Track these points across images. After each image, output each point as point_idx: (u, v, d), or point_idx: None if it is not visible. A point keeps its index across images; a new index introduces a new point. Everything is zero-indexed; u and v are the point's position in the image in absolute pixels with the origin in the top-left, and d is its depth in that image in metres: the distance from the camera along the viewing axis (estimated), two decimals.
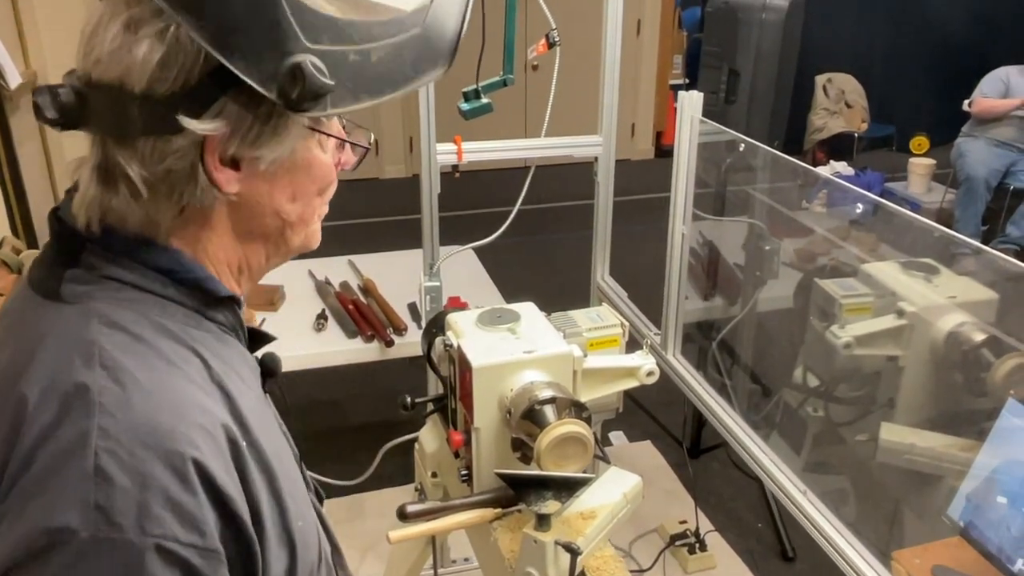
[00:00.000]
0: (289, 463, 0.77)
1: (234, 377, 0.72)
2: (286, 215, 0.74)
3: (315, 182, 0.75)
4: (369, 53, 0.67)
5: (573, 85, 2.91)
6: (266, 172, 0.70)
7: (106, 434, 0.60)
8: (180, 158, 0.66)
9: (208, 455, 0.63)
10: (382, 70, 0.68)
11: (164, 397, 0.64)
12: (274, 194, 0.73)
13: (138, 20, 0.64)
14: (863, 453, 1.91)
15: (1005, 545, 1.39)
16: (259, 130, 0.67)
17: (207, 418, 0.65)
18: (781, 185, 2.20)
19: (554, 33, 1.89)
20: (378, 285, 2.51)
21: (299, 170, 0.73)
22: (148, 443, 0.60)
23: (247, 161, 0.69)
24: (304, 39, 0.63)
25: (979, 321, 1.65)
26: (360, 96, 0.67)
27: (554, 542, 1.20)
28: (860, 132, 5.84)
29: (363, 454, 2.55)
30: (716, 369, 2.40)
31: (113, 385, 0.62)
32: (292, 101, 0.63)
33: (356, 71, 0.66)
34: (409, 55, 0.69)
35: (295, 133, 0.70)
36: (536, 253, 4.62)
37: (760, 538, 2.60)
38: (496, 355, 1.32)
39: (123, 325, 0.67)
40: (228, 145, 0.67)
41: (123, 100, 0.64)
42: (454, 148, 2.06)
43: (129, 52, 0.64)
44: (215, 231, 0.73)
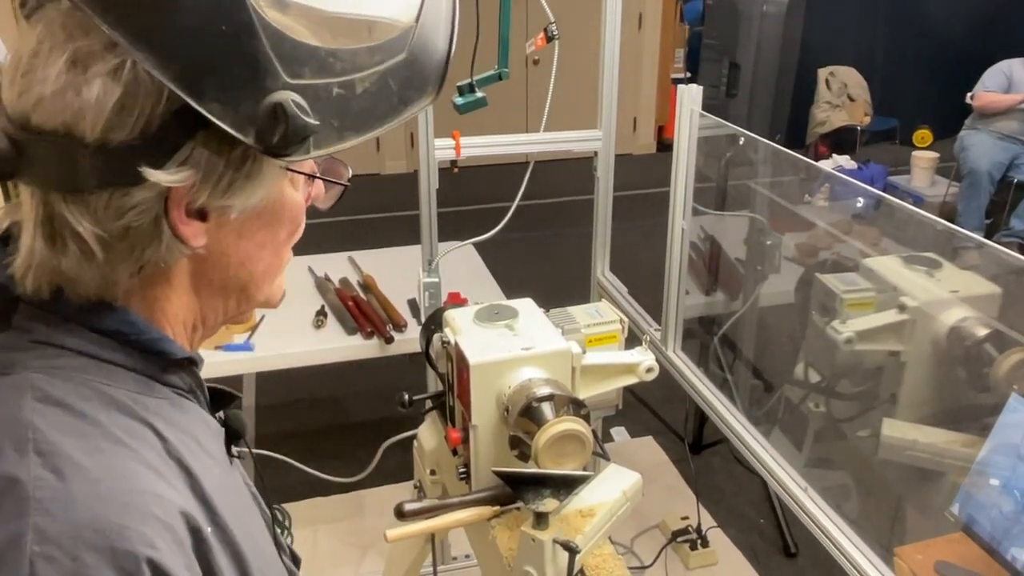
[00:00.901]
0: (260, 536, 0.71)
1: (195, 448, 0.64)
2: (253, 266, 0.67)
3: (285, 225, 0.67)
4: (354, 84, 0.59)
5: (573, 79, 2.89)
6: (236, 220, 0.62)
7: (43, 536, 0.51)
8: (141, 213, 0.57)
9: (166, 552, 0.54)
10: (367, 103, 0.61)
11: (112, 486, 0.54)
12: (241, 244, 0.64)
13: (87, 55, 0.55)
14: (865, 449, 1.89)
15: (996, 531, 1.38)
16: (231, 177, 0.59)
17: (163, 507, 0.56)
18: (782, 179, 2.19)
19: (553, 27, 1.88)
20: (378, 281, 2.50)
21: (270, 214, 0.65)
22: (94, 544, 0.51)
23: (216, 211, 0.60)
24: (284, 74, 0.56)
25: (982, 316, 1.63)
26: (345, 134, 0.60)
27: (552, 540, 1.19)
28: (863, 125, 5.81)
29: (363, 451, 2.55)
30: (717, 364, 2.39)
31: (50, 475, 0.53)
32: (272, 146, 0.56)
33: (341, 106, 0.59)
34: (396, 84, 0.62)
35: (270, 177, 0.61)
36: (537, 249, 4.61)
37: (762, 534, 2.59)
38: (494, 352, 1.30)
39: (62, 400, 0.57)
40: (196, 195, 0.58)
41: (71, 149, 0.55)
42: (452, 143, 2.04)
43: (78, 94, 0.54)
44: (174, 289, 0.64)
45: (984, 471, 1.45)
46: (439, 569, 2.11)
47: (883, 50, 6.34)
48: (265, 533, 0.74)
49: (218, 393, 0.75)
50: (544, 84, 2.00)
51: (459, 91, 1.87)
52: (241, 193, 0.60)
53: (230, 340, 2.18)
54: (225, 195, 0.60)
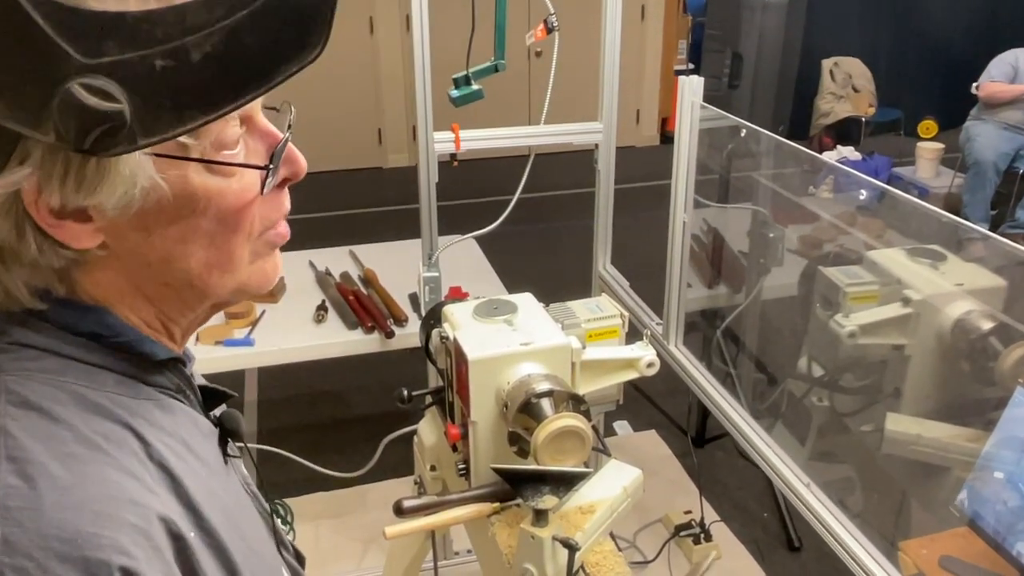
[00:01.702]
0: (256, 537, 0.68)
1: (181, 451, 0.61)
2: (184, 263, 0.60)
3: (208, 217, 0.58)
4: (187, 51, 0.49)
5: (575, 71, 2.87)
6: (126, 217, 0.55)
7: (11, 548, 0.49)
8: (2, 218, 0.53)
9: (142, 560, 0.52)
10: (214, 71, 0.50)
11: (85, 494, 0.52)
12: (153, 241, 0.58)
13: None
14: (869, 443, 1.88)
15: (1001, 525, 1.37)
16: (79, 173, 0.52)
17: (140, 514, 0.54)
18: (785, 171, 2.17)
19: (553, 18, 1.86)
20: (379, 275, 2.49)
21: (176, 206, 0.57)
22: (65, 554, 0.49)
23: (92, 209, 0.54)
24: (78, 56, 0.46)
25: (987, 309, 1.62)
26: (185, 113, 0.50)
27: (552, 538, 1.18)
28: (867, 116, 5.78)
29: (365, 445, 2.54)
30: (720, 358, 2.38)
31: (21, 483, 0.51)
32: (76, 142, 0.48)
33: (171, 80, 0.49)
34: (254, 41, 0.51)
35: (136, 168, 0.53)
36: (539, 242, 4.60)
37: (766, 528, 2.58)
38: (492, 347, 1.30)
39: (36, 403, 0.55)
40: (48, 196, 0.52)
41: None
42: (452, 136, 2.03)
43: None
44: (110, 290, 0.60)
45: (989, 465, 1.44)
46: (441, 564, 2.11)
47: (887, 40, 6.31)
48: (263, 534, 0.72)
49: (211, 392, 0.72)
50: (545, 76, 1.99)
51: (455, 84, 1.86)
52: (101, 190, 0.53)
53: (230, 335, 2.18)
54: (81, 193, 0.53)
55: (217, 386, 0.73)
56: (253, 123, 0.62)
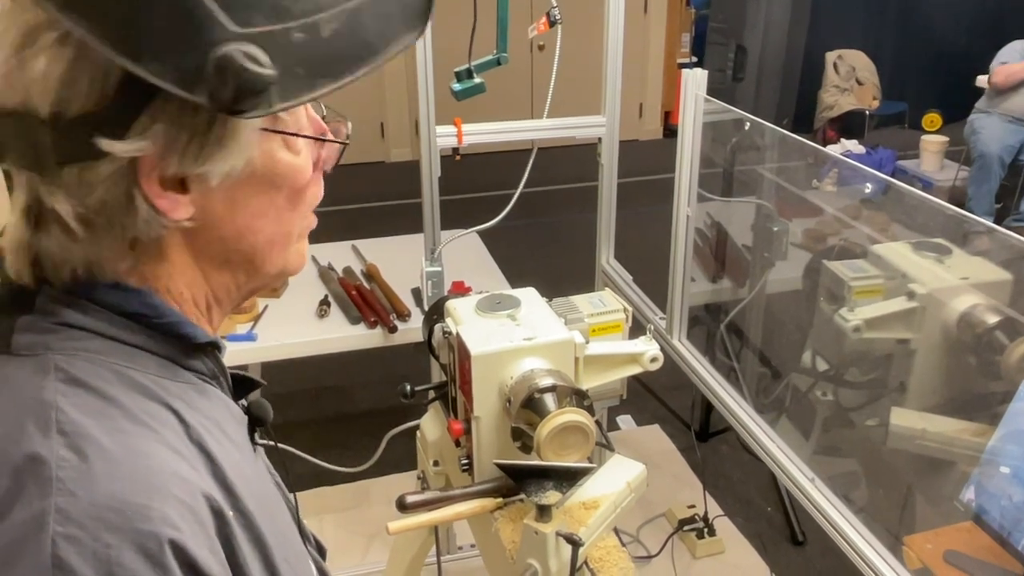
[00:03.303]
0: (284, 523, 0.69)
1: (217, 434, 0.63)
2: (254, 237, 0.63)
3: (284, 192, 0.63)
4: (318, 26, 0.54)
5: (578, 65, 2.86)
6: (223, 188, 0.59)
7: (65, 516, 0.50)
8: (112, 186, 0.55)
9: (188, 534, 0.53)
10: (339, 45, 0.56)
11: (134, 467, 0.54)
12: (236, 214, 0.61)
13: (33, 29, 0.53)
14: (874, 438, 1.88)
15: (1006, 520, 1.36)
16: (200, 142, 0.56)
17: (186, 489, 0.55)
18: (789, 164, 2.16)
19: (555, 11, 1.85)
20: (381, 270, 2.49)
21: (261, 181, 0.61)
22: (116, 525, 0.51)
23: (195, 179, 0.58)
24: (230, 23, 0.51)
25: (992, 302, 1.61)
26: (316, 82, 0.55)
27: (555, 533, 1.18)
28: (871, 109, 5.77)
29: (368, 440, 2.54)
30: (724, 353, 2.37)
31: (73, 456, 0.52)
32: (227, 103, 0.52)
33: (305, 52, 0.54)
34: (371, 21, 0.57)
35: (248, 139, 0.58)
36: (542, 236, 4.59)
37: (770, 522, 2.58)
38: (495, 342, 1.29)
39: (85, 381, 0.57)
40: (166, 164, 0.56)
41: (30, 126, 0.54)
42: (454, 130, 2.02)
43: (28, 68, 0.53)
44: (174, 264, 0.62)
45: (994, 460, 1.43)
46: (445, 559, 2.11)
47: (891, 33, 6.29)
48: (289, 521, 0.73)
49: (241, 380, 0.74)
50: (549, 70, 1.98)
51: (457, 77, 1.85)
52: (215, 158, 0.57)
53: (233, 330, 2.17)
54: (198, 162, 0.56)
55: (247, 374, 0.75)
56: (307, 108, 0.65)
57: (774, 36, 2.52)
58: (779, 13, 2.51)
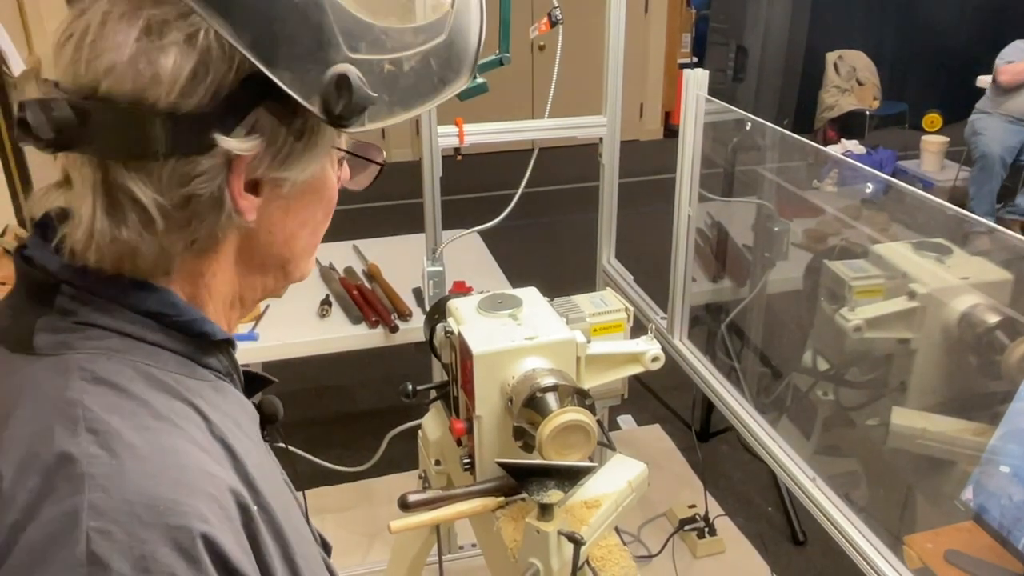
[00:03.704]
0: (298, 520, 0.70)
1: (235, 430, 0.64)
2: (294, 244, 0.68)
3: (324, 204, 0.69)
4: (402, 62, 0.62)
5: (579, 65, 2.86)
6: (285, 196, 0.64)
7: (98, 512, 0.51)
8: (206, 182, 0.58)
9: (218, 528, 0.54)
10: (413, 81, 0.63)
11: (164, 463, 0.55)
12: (287, 221, 0.66)
13: (161, 23, 0.56)
14: (874, 438, 1.88)
15: (1007, 519, 1.37)
16: (290, 148, 0.61)
17: (214, 484, 0.57)
18: (789, 164, 2.16)
19: (557, 11, 1.85)
20: (383, 270, 2.49)
21: (313, 192, 0.67)
22: (148, 520, 0.52)
23: (269, 184, 0.62)
24: (345, 47, 0.58)
25: (993, 302, 1.61)
26: (394, 109, 0.62)
27: (557, 532, 1.18)
28: (872, 110, 5.76)
29: (370, 440, 2.54)
30: (725, 352, 2.37)
31: (103, 453, 0.53)
32: (336, 116, 0.58)
33: (390, 82, 0.61)
34: (436, 64, 0.65)
35: (325, 152, 0.64)
36: (543, 236, 4.59)
37: (771, 522, 2.58)
38: (497, 342, 1.29)
39: (109, 379, 0.58)
40: (256, 166, 0.60)
41: (141, 117, 0.56)
42: (455, 130, 2.02)
43: (152, 61, 0.55)
44: (220, 264, 0.65)
45: (995, 459, 1.43)
46: (446, 558, 2.11)
47: (892, 33, 6.28)
48: (303, 520, 0.74)
49: (253, 378, 0.76)
50: (550, 70, 1.98)
51: None
52: (297, 165, 0.62)
53: (235, 329, 2.18)
54: (282, 166, 0.61)
55: (259, 371, 0.77)
56: None
57: (775, 36, 2.52)
58: (780, 13, 2.52)
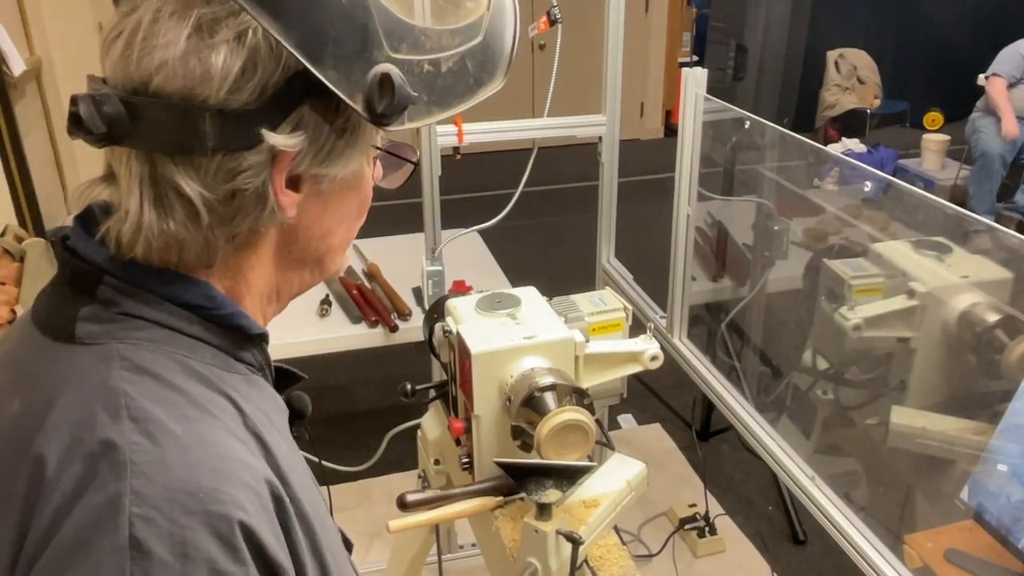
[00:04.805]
0: (324, 514, 0.70)
1: (267, 424, 0.65)
2: (331, 240, 0.69)
3: (359, 201, 0.71)
4: (440, 63, 0.63)
5: (579, 64, 2.86)
6: (323, 192, 0.65)
7: (140, 498, 0.52)
8: (251, 177, 0.60)
9: (255, 517, 0.56)
10: (450, 82, 0.64)
11: (203, 452, 0.56)
12: (325, 217, 0.67)
13: (212, 21, 0.57)
14: (874, 437, 1.87)
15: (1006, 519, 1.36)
16: (332, 145, 0.62)
17: (250, 474, 0.58)
18: (790, 163, 2.16)
19: (556, 10, 1.85)
20: (382, 269, 2.49)
21: (351, 189, 0.68)
22: (189, 507, 0.53)
23: (310, 180, 0.64)
24: (387, 47, 0.59)
25: (993, 301, 1.61)
26: (432, 109, 0.63)
27: (555, 532, 1.18)
28: (873, 108, 5.75)
29: (370, 439, 2.55)
30: (725, 352, 2.37)
31: (145, 440, 0.55)
32: (378, 114, 0.59)
33: (429, 82, 0.62)
34: (472, 66, 0.66)
35: (364, 150, 0.65)
36: (543, 235, 4.59)
37: (771, 521, 2.57)
38: (495, 341, 1.29)
39: (149, 369, 0.59)
40: (299, 162, 0.62)
41: (191, 113, 0.57)
42: (454, 130, 2.02)
43: (202, 59, 0.57)
44: (260, 259, 0.66)
45: (994, 459, 1.43)
46: (445, 557, 2.11)
47: (893, 31, 6.27)
48: (328, 515, 0.75)
49: (282, 373, 0.77)
50: (549, 69, 1.97)
51: None
52: (338, 162, 0.63)
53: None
54: (324, 163, 0.63)
55: (290, 368, 0.78)
56: None
57: (775, 35, 2.52)
58: (780, 12, 2.52)
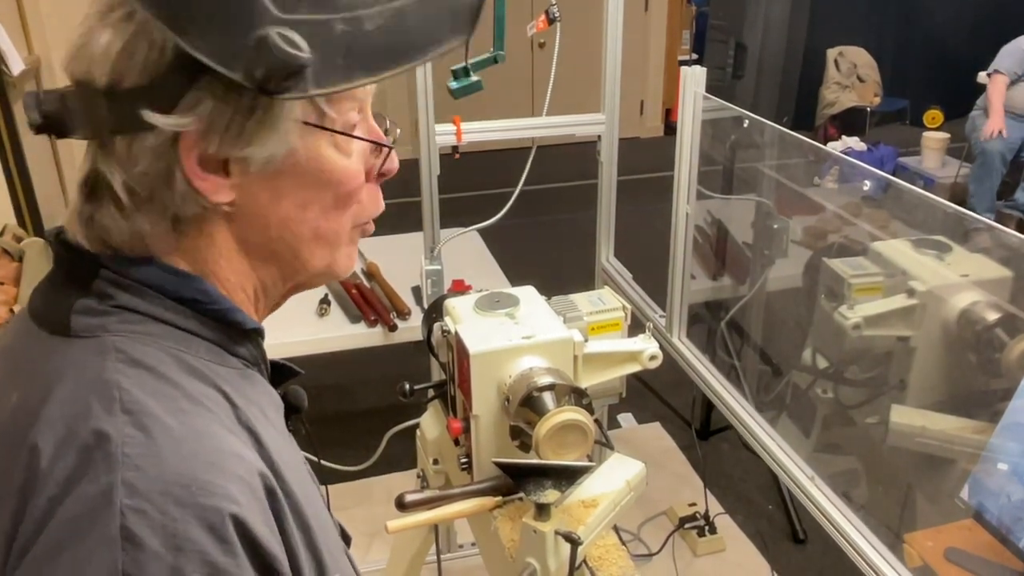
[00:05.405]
0: (320, 508, 0.70)
1: (261, 418, 0.65)
2: (296, 228, 0.65)
3: (330, 190, 0.65)
4: (361, 21, 0.57)
5: (578, 62, 2.86)
6: (264, 176, 0.62)
7: (133, 490, 0.52)
8: (156, 159, 0.59)
9: (248, 510, 0.56)
10: (381, 41, 0.58)
11: (196, 444, 0.56)
12: (280, 203, 0.64)
13: (108, 6, 0.58)
14: (874, 436, 1.87)
15: (1007, 518, 1.36)
16: (241, 124, 0.59)
17: (244, 467, 0.58)
18: (789, 162, 2.15)
19: (554, 8, 1.85)
20: (382, 269, 2.49)
21: (306, 175, 0.64)
22: (181, 499, 0.53)
23: (236, 163, 0.61)
24: (274, 9, 0.55)
25: (993, 300, 1.60)
26: (353, 73, 0.57)
27: (554, 532, 1.18)
28: (873, 106, 5.75)
29: (369, 439, 2.54)
30: (724, 350, 2.37)
31: (138, 432, 0.55)
32: (260, 81, 0.55)
33: (346, 43, 0.57)
34: (416, 21, 0.60)
35: (288, 127, 0.61)
36: (542, 234, 4.58)
37: (771, 520, 2.57)
38: (494, 341, 1.29)
39: (144, 362, 0.59)
40: (208, 143, 0.59)
41: (90, 96, 0.58)
42: (453, 129, 2.02)
43: (95, 40, 0.58)
44: (222, 252, 0.65)
45: (994, 457, 1.43)
46: (444, 557, 2.11)
47: (893, 29, 6.27)
48: (324, 509, 0.75)
49: (279, 368, 0.77)
50: (549, 67, 1.97)
51: (454, 75, 1.84)
52: (255, 142, 0.60)
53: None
54: (238, 143, 0.59)
55: (287, 363, 0.77)
56: (365, 117, 0.68)
57: (774, 33, 2.52)
58: (779, 10, 2.51)
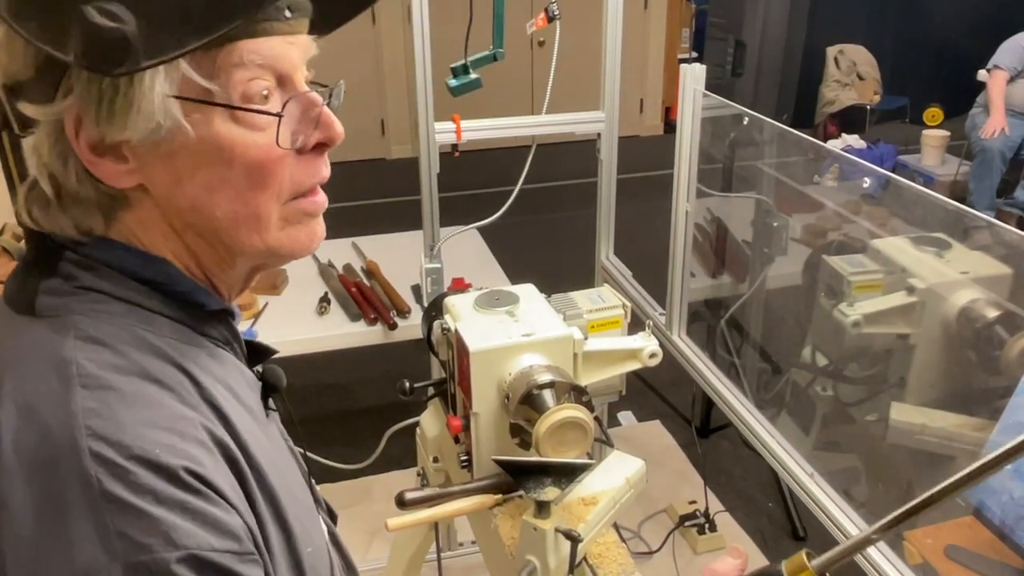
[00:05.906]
0: (296, 483, 0.71)
1: (228, 396, 0.66)
2: (210, 211, 0.63)
3: (236, 168, 0.62)
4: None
5: (578, 60, 2.86)
6: (158, 158, 0.61)
7: (100, 458, 0.54)
8: (50, 150, 0.61)
9: (212, 470, 0.58)
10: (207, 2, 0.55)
11: (155, 413, 0.58)
12: (184, 186, 0.62)
13: None
14: (873, 433, 1.87)
15: (1006, 515, 1.36)
16: (109, 106, 0.58)
17: (202, 434, 0.59)
18: (789, 160, 2.15)
19: (554, 6, 1.85)
20: (382, 267, 2.49)
21: (202, 153, 0.61)
22: (147, 460, 0.55)
23: (125, 147, 0.60)
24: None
25: (992, 297, 1.60)
26: (186, 39, 0.54)
27: (554, 529, 1.18)
28: (872, 104, 5.74)
29: (369, 437, 2.55)
30: (724, 348, 2.37)
31: (97, 405, 0.56)
32: (88, 59, 0.54)
33: (172, 8, 0.55)
34: None
35: (154, 103, 0.58)
36: (542, 232, 4.59)
37: (771, 517, 2.58)
38: (494, 339, 1.29)
39: (102, 340, 0.60)
40: (88, 129, 0.59)
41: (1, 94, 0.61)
42: (453, 127, 2.02)
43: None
44: (153, 234, 0.65)
45: None
46: (445, 555, 2.11)
47: (893, 27, 6.26)
48: (302, 484, 0.76)
49: (255, 348, 0.77)
50: (548, 66, 1.97)
51: (453, 73, 1.84)
52: (128, 124, 0.58)
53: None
54: (113, 126, 0.59)
55: (261, 342, 0.78)
56: (292, 85, 0.64)
57: (773, 31, 2.52)
58: (778, 8, 2.51)
